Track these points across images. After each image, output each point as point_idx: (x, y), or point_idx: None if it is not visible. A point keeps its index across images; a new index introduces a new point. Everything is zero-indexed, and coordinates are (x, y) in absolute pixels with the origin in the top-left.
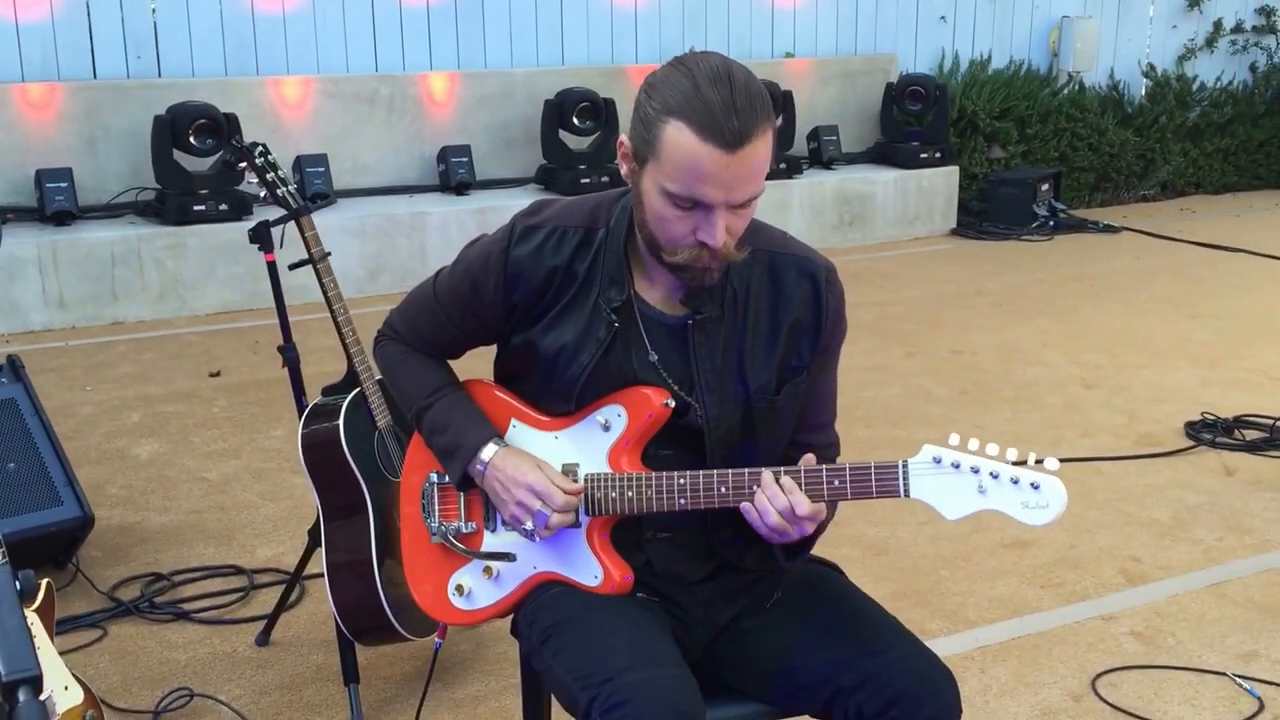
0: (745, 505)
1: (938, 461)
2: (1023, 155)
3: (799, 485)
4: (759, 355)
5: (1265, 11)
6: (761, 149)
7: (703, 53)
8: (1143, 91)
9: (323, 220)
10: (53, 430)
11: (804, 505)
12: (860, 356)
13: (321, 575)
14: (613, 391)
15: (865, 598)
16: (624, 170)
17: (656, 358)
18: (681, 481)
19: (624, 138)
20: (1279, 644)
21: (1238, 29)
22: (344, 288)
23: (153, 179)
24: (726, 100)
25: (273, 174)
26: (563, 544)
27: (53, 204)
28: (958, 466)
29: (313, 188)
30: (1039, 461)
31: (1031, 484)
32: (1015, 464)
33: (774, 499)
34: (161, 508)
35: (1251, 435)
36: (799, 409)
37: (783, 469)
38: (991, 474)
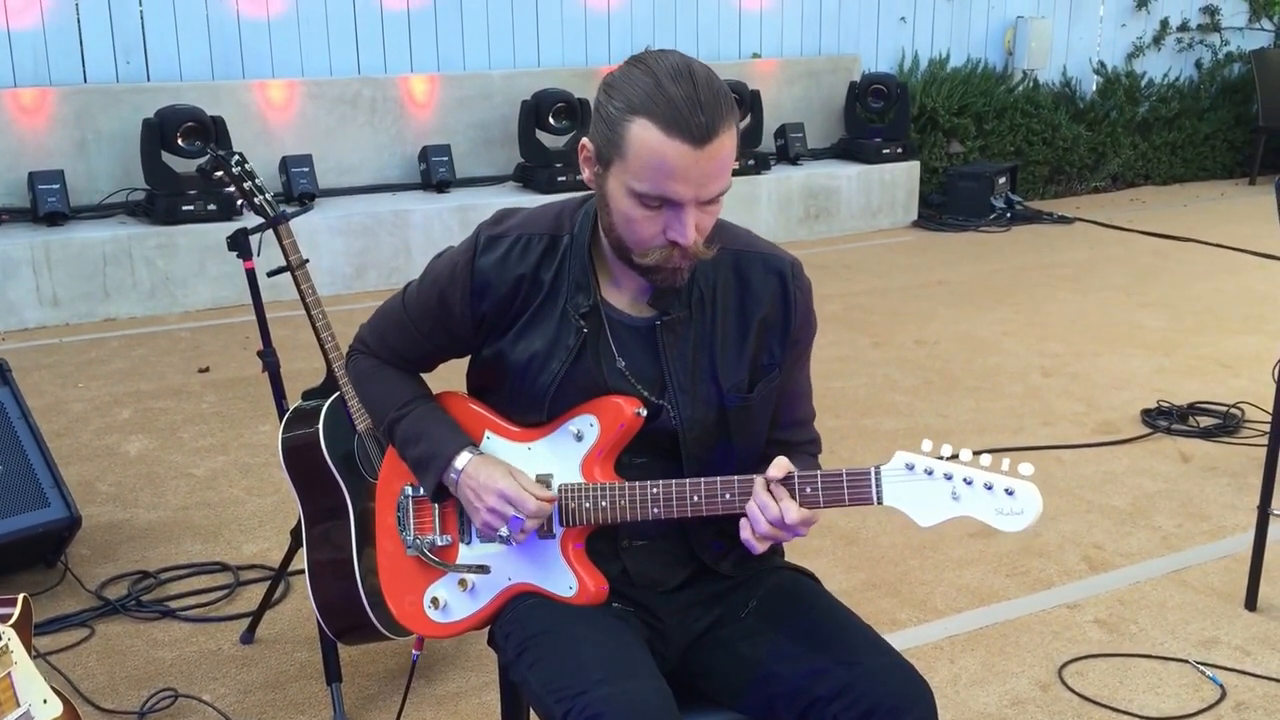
0: (743, 519)
1: (910, 468)
2: (980, 150)
3: (790, 493)
4: (730, 355)
5: (1209, 10)
6: (728, 143)
7: (660, 51)
8: (1094, 88)
9: (308, 220)
10: (40, 433)
11: (793, 513)
12: (828, 347)
13: (304, 572)
14: (584, 400)
15: (842, 607)
16: (586, 174)
17: (624, 364)
18: (655, 491)
19: (585, 140)
20: (1238, 630)
21: (1183, 27)
22: (331, 285)
23: (142, 180)
24: (690, 96)
25: (249, 182)
26: (537, 555)
27: (45, 205)
28: (931, 473)
29: (298, 188)
30: (1013, 466)
31: (1006, 490)
32: (989, 469)
33: (765, 508)
34: (150, 504)
35: (1205, 422)
36: (773, 407)
37: (768, 478)
38: (965, 480)
